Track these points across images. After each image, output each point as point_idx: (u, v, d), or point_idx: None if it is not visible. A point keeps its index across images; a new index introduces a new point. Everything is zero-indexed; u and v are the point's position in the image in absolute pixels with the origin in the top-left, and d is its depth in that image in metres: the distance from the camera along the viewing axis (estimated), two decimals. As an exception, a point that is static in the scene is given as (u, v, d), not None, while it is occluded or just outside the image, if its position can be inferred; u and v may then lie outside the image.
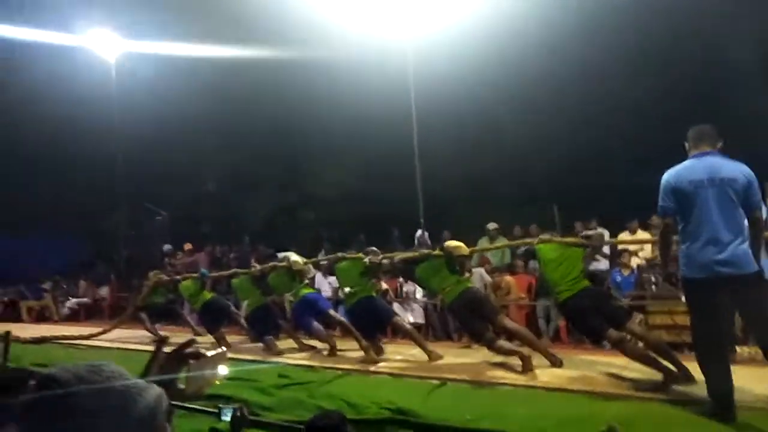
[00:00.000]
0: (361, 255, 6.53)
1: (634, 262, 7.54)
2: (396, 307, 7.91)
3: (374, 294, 6.50)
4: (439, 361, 5.58)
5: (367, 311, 6.16)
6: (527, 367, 4.77)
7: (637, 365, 4.39)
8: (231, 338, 7.91)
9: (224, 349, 2.16)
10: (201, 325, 8.51)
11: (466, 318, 5.34)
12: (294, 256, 7.21)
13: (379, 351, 6.13)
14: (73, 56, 14.30)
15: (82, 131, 14.28)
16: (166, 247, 12.41)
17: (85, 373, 0.93)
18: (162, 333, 8.56)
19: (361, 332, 6.17)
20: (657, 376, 4.19)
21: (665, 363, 4.17)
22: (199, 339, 8.26)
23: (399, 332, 6.28)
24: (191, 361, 1.85)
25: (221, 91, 14.42)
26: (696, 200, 3.41)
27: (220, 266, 10.55)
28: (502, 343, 5.11)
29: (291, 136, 14.47)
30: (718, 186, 3.39)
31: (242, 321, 7.83)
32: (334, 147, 14.55)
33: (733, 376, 3.40)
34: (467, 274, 6.09)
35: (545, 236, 5.06)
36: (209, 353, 1.91)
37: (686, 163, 3.56)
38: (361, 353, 5.99)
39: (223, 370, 1.97)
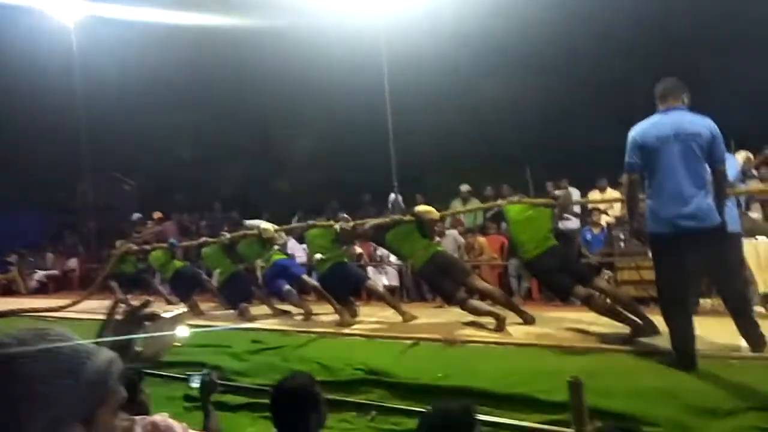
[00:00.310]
0: (332, 223, 6.50)
1: (604, 220, 7.66)
2: (370, 270, 7.95)
3: (345, 260, 6.49)
4: (413, 322, 5.62)
5: (339, 277, 6.15)
6: (501, 327, 4.82)
7: (604, 320, 4.47)
8: (205, 306, 7.85)
9: (183, 310, 2.10)
10: (173, 294, 8.42)
11: (436, 281, 5.37)
12: (264, 224, 7.14)
13: (354, 314, 6.15)
14: (29, 19, 13.60)
15: (43, 99, 13.71)
16: (135, 215, 12.15)
17: (30, 338, 0.89)
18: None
19: (335, 296, 6.17)
20: (624, 329, 4.28)
21: (631, 316, 4.26)
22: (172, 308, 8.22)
23: (373, 295, 6.30)
24: (147, 323, 1.79)
25: (191, 59, 13.93)
26: (661, 155, 3.42)
27: (190, 235, 10.40)
28: (474, 302, 5.14)
29: (263, 104, 14.15)
30: (683, 141, 3.39)
31: (214, 288, 7.77)
32: (306, 114, 14.30)
33: (696, 327, 3.49)
34: (437, 239, 6.11)
35: (513, 198, 5.06)
36: (166, 315, 1.85)
37: (652, 118, 3.56)
38: (336, 317, 6.00)
39: (182, 331, 1.91)
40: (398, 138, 9.53)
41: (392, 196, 9.36)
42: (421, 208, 5.69)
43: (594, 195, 8.04)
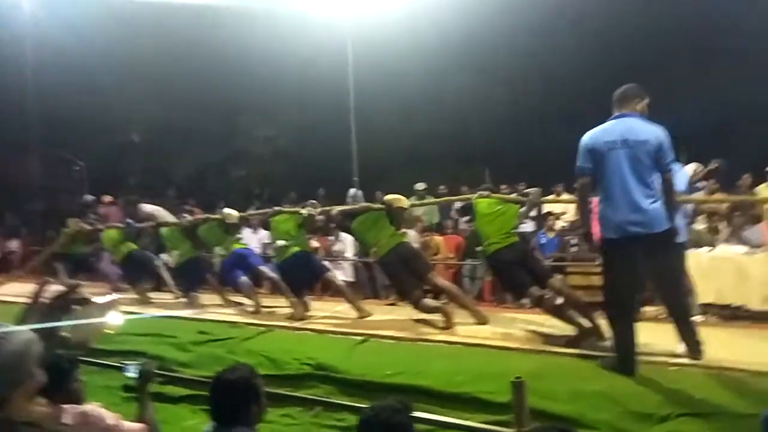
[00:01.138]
0: (298, 209, 6.36)
1: (558, 225, 7.81)
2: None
3: (308, 249, 6.37)
4: (366, 319, 5.58)
5: (300, 266, 6.00)
6: (449, 324, 4.83)
7: (553, 322, 4.54)
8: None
9: (115, 296, 2.01)
10: (123, 277, 8.16)
11: (397, 272, 5.30)
12: (227, 209, 7.01)
13: (306, 308, 6.06)
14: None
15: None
16: (88, 197, 11.68)
17: None
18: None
19: (292, 287, 6.07)
20: (571, 331, 4.34)
21: (581, 319, 4.32)
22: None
23: (331, 288, 6.16)
24: (76, 308, 1.70)
25: (151, 38, 13.46)
26: (609, 161, 3.48)
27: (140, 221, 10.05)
28: (428, 301, 5.14)
29: (224, 90, 13.81)
30: (630, 147, 3.45)
31: (166, 276, 7.53)
32: (268, 103, 14.06)
33: (638, 333, 3.56)
34: (404, 230, 6.07)
35: (484, 192, 5.08)
36: (97, 300, 1.76)
37: (605, 124, 3.62)
38: (288, 310, 5.91)
39: (115, 318, 1.83)
40: (362, 135, 9.51)
41: (352, 191, 9.32)
42: (391, 196, 5.62)
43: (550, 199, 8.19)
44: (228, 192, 13.86)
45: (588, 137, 3.60)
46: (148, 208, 7.89)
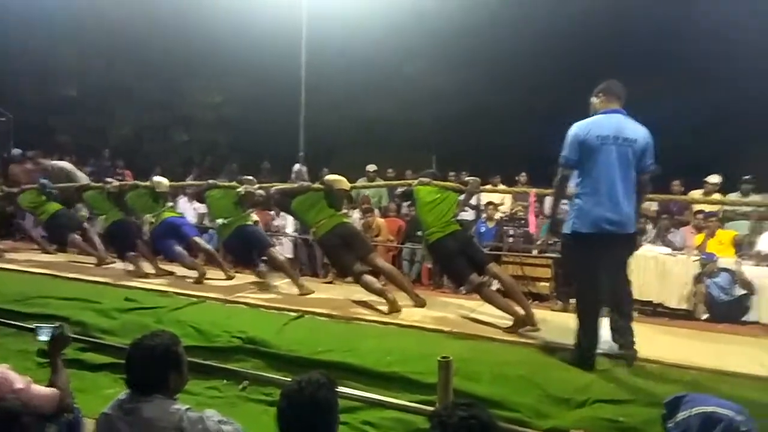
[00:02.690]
0: (235, 184, 6.18)
1: (497, 215, 7.99)
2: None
3: (249, 222, 6.18)
4: (300, 296, 5.51)
5: (243, 240, 5.87)
6: (393, 309, 4.81)
7: (488, 308, 4.63)
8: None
9: None
10: (46, 238, 7.77)
11: (336, 251, 5.25)
12: (158, 177, 6.75)
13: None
14: None
15: None
16: (15, 151, 10.96)
17: None
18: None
19: (243, 262, 5.92)
20: (506, 318, 4.44)
21: (516, 307, 4.41)
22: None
23: (272, 263, 6.04)
24: None
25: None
26: (600, 156, 3.42)
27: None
28: (370, 278, 5.09)
29: (172, 51, 13.16)
30: (621, 145, 3.42)
31: (95, 239, 7.20)
32: (217, 68, 13.54)
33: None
34: (344, 210, 6.01)
35: (425, 179, 5.09)
36: None
37: (595, 117, 3.55)
38: (223, 282, 5.77)
39: None
40: (311, 112, 9.32)
41: (297, 166, 9.14)
42: (331, 177, 5.54)
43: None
44: (167, 157, 13.33)
45: (580, 129, 3.50)
46: (61, 164, 7.50)
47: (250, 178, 6.19)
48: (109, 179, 7.17)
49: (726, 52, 10.05)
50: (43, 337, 2.54)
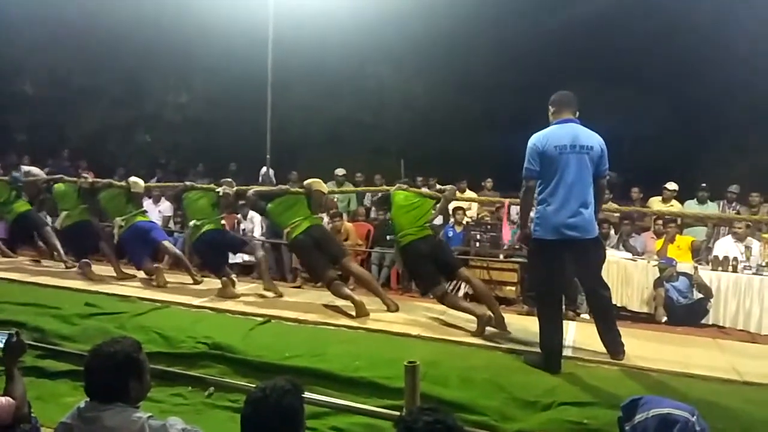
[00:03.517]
0: (213, 186, 6.10)
1: (464, 220, 8.07)
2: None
3: (222, 225, 6.14)
4: (267, 300, 5.45)
5: (215, 243, 5.77)
6: (361, 313, 4.81)
7: (454, 312, 4.67)
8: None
9: None
10: (5, 239, 7.51)
11: (308, 254, 5.24)
12: (133, 178, 6.58)
13: (234, 285, 5.76)
14: None
15: None
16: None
17: None
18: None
19: (211, 266, 5.84)
20: (474, 322, 4.48)
21: (477, 308, 4.48)
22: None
23: (255, 265, 5.93)
24: None
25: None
26: (558, 165, 3.53)
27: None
28: (341, 285, 5.09)
29: (135, 48, 12.84)
30: (578, 152, 3.54)
31: (55, 243, 6.93)
32: (182, 67, 13.27)
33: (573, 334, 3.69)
34: (320, 214, 6.00)
35: (402, 185, 5.14)
36: None
37: (551, 128, 3.66)
38: (191, 287, 5.68)
39: None
40: (277, 114, 9.21)
41: (264, 169, 9.06)
42: (311, 180, 5.55)
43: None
44: (130, 158, 13.01)
45: (538, 140, 3.61)
46: (34, 170, 7.27)
47: (229, 180, 6.11)
48: (85, 175, 6.92)
49: (682, 62, 10.39)
50: (-1, 343, 2.45)
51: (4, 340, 2.42)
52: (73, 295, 5.36)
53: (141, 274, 6.24)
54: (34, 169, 7.28)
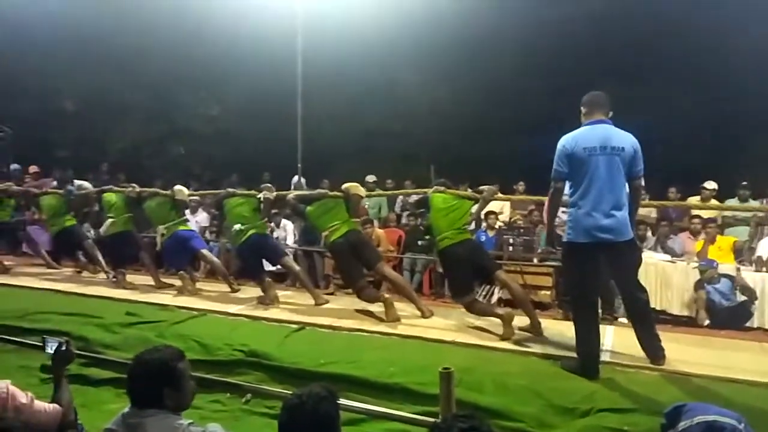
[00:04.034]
0: (254, 192, 6.21)
1: (497, 224, 7.99)
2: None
3: (265, 231, 6.22)
4: (301, 307, 5.50)
5: (257, 249, 5.87)
6: (391, 316, 4.83)
7: (488, 318, 4.63)
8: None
9: None
10: (52, 251, 7.77)
11: (345, 259, 5.28)
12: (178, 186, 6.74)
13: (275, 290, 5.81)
14: None
15: None
16: (14, 166, 10.99)
17: None
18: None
19: (252, 272, 5.91)
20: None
21: (506, 309, 4.46)
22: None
23: (288, 273, 6.00)
24: None
25: (93, 3, 12.70)
26: (588, 167, 3.49)
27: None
28: (371, 291, 5.13)
29: (167, 63, 13.21)
30: (608, 154, 3.49)
31: (97, 255, 7.17)
32: (212, 80, 13.58)
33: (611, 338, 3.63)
34: (357, 219, 6.03)
35: (440, 187, 5.12)
36: None
37: (581, 129, 3.63)
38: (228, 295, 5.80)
39: None
40: (308, 124, 9.33)
41: (296, 178, 9.18)
42: (349, 184, 5.59)
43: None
44: (165, 170, 13.33)
45: (567, 141, 3.58)
46: (83, 184, 7.56)
47: (269, 185, 6.20)
48: (132, 184, 7.15)
49: (722, 58, 10.10)
50: (50, 350, 2.54)
51: (54, 348, 2.51)
52: (114, 304, 5.53)
53: (179, 282, 6.38)
54: (85, 183, 7.59)
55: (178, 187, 6.62)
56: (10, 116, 12.40)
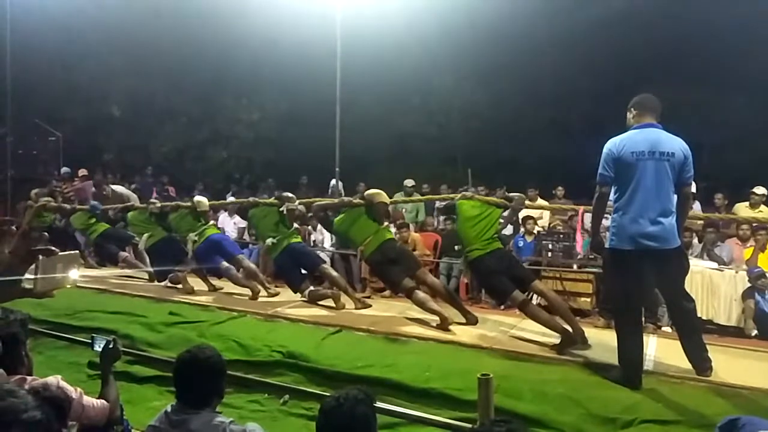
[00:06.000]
0: (274, 201, 6.24)
1: (536, 229, 7.86)
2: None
3: (299, 239, 6.24)
4: (338, 311, 5.49)
5: (295, 258, 5.89)
6: (445, 325, 4.74)
7: (531, 325, 4.55)
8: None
9: (77, 251, 2.01)
10: (96, 256, 8.05)
11: (384, 268, 5.21)
12: (198, 197, 6.93)
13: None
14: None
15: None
16: (65, 170, 11.46)
17: None
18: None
19: (294, 281, 5.88)
20: (548, 335, 4.34)
21: (564, 324, 4.28)
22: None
23: (326, 279, 6.03)
24: (40, 257, 1.68)
25: (138, 11, 13.16)
26: (635, 172, 3.40)
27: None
28: (423, 295, 4.97)
29: (208, 70, 13.60)
30: (657, 159, 3.39)
31: (144, 256, 7.40)
32: (253, 87, 13.90)
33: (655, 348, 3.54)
34: (386, 223, 5.97)
35: (467, 193, 5.01)
36: (61, 253, 1.76)
37: (629, 133, 3.53)
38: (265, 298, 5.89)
39: (74, 273, 1.82)
40: (346, 127, 9.40)
41: (333, 182, 9.23)
42: (371, 191, 5.51)
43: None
44: (207, 174, 13.68)
45: (614, 145, 3.49)
46: (119, 189, 7.84)
47: (291, 195, 6.25)
48: (153, 199, 7.39)
49: (764, 60, 9.75)
50: (98, 348, 2.63)
51: (102, 346, 2.60)
52: (157, 304, 5.69)
53: (221, 284, 6.52)
54: (121, 189, 7.85)
55: (197, 198, 6.79)
56: (60, 120, 12.93)
